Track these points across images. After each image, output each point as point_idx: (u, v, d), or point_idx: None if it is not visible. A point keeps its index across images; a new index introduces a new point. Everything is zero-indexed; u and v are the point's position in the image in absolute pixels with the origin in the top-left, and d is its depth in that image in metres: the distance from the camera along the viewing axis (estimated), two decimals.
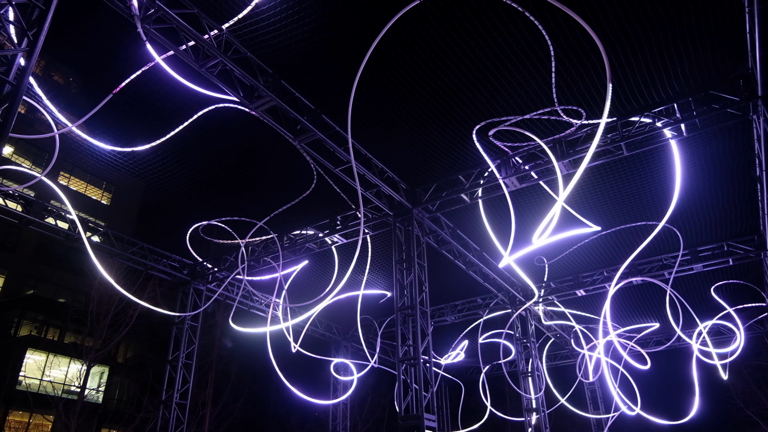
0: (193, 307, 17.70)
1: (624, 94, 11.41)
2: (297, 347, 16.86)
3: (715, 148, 13.14)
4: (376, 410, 31.22)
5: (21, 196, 14.40)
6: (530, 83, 11.11)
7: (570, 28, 9.70)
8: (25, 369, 29.42)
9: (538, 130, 12.37)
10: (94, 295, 22.18)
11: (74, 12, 9.96)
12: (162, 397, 16.73)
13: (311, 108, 11.71)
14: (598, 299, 20.42)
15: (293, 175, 14.00)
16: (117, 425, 30.57)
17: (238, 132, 12.67)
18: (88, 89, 11.31)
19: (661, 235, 16.67)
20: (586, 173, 13.14)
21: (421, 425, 11.81)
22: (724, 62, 10.79)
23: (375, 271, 18.06)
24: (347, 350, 23.81)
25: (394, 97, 11.53)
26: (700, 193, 14.70)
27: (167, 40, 9.44)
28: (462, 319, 22.25)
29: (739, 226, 16.47)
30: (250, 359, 31.38)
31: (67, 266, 33.84)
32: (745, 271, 18.42)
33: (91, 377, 28.62)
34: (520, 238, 14.58)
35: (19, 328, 31.20)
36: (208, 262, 18.00)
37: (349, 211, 15.63)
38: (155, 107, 11.84)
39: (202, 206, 15.22)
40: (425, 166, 13.82)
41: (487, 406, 22.18)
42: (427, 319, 13.46)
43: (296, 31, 10.10)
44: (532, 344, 20.03)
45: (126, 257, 16.55)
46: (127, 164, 13.85)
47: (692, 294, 19.77)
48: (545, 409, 19.33)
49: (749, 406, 25.40)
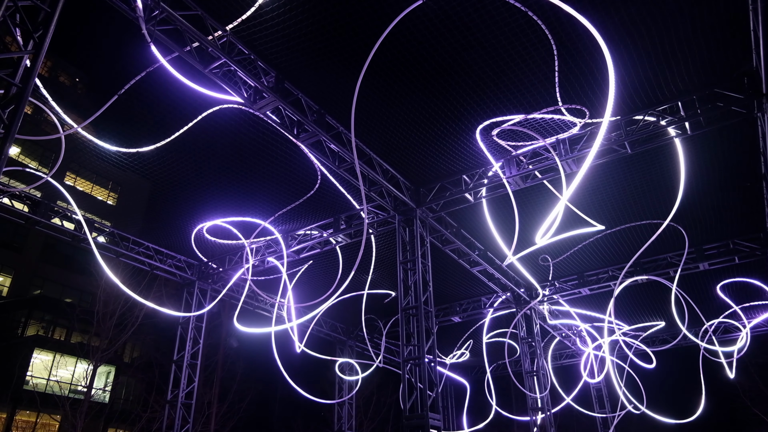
0: (198, 307, 17.78)
1: (627, 92, 11.39)
2: (302, 347, 16.91)
3: (719, 146, 13.10)
4: (381, 410, 31.27)
5: (27, 197, 14.51)
6: (534, 82, 11.10)
7: (573, 26, 9.69)
8: (32, 369, 29.62)
9: (542, 128, 12.37)
10: (101, 295, 22.32)
11: (80, 14, 10.03)
12: (168, 397, 16.81)
13: (315, 108, 11.74)
14: (604, 298, 20.37)
15: (297, 175, 14.05)
16: (123, 425, 30.72)
17: (242, 132, 12.73)
18: (94, 90, 11.38)
19: (666, 234, 16.62)
20: (590, 172, 13.10)
21: (426, 424, 11.83)
22: (729, 60, 10.75)
23: (379, 270, 18.07)
24: (352, 350, 23.86)
25: (397, 96, 11.55)
26: (705, 191, 14.65)
27: (171, 41, 9.50)
28: (467, 319, 22.25)
29: (744, 223, 16.41)
30: (256, 359, 31.47)
31: (74, 266, 34.06)
32: (752, 268, 18.33)
33: (98, 377, 28.76)
34: (524, 238, 14.58)
35: (26, 328, 31.40)
36: (213, 262, 18.07)
37: (353, 211, 15.67)
38: (160, 108, 11.90)
39: (207, 206, 15.28)
40: (429, 165, 13.84)
41: (493, 405, 22.17)
42: (431, 319, 13.47)
43: (300, 32, 10.14)
44: (537, 343, 20.01)
45: (132, 257, 16.64)
46: (132, 165, 13.93)
47: (698, 292, 19.69)
48: (551, 408, 19.31)
49: (756, 404, 25.31)
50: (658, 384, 25.30)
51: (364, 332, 18.96)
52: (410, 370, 12.74)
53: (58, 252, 34.34)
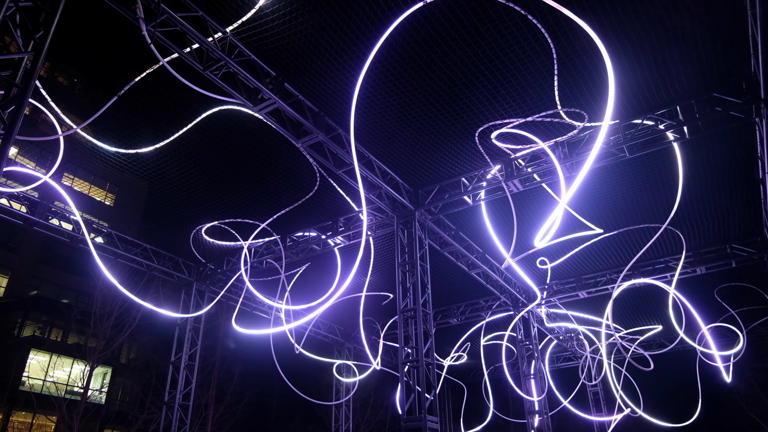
0: (195, 308, 17.74)
1: (626, 96, 11.42)
2: (300, 349, 16.89)
3: (717, 151, 13.14)
4: (378, 412, 31.19)
5: (25, 197, 14.48)
6: (533, 86, 11.13)
7: (572, 30, 9.72)
8: (28, 370, 29.51)
9: (541, 132, 12.39)
10: (98, 296, 22.23)
11: (80, 15, 10.01)
12: (165, 398, 16.77)
13: (314, 110, 11.74)
14: (601, 301, 20.39)
15: (296, 176, 14.05)
16: (120, 426, 30.61)
17: (241, 134, 12.72)
18: (93, 91, 11.37)
19: (664, 238, 16.68)
20: (589, 175, 13.12)
21: (423, 427, 11.82)
22: (727, 65, 10.79)
23: (378, 273, 18.07)
24: (350, 352, 23.83)
25: (397, 99, 11.56)
26: (703, 196, 14.70)
27: (172, 43, 9.50)
28: (465, 321, 22.26)
29: (742, 228, 16.46)
30: (254, 360, 31.40)
31: (71, 267, 33.94)
32: (748, 273, 18.38)
33: (95, 378, 28.65)
34: (522, 241, 14.60)
35: (22, 329, 31.30)
36: (211, 264, 18.05)
37: (352, 213, 15.67)
38: (159, 109, 11.90)
39: (205, 208, 15.27)
40: (428, 168, 13.85)
41: (490, 407, 22.17)
42: (429, 321, 13.47)
43: (300, 34, 10.15)
44: (534, 346, 20.02)
45: (129, 258, 16.61)
46: (130, 166, 13.92)
47: (695, 296, 19.73)
48: (548, 411, 19.31)
49: (753, 409, 25.30)
50: (655, 387, 25.28)
51: (362, 334, 18.95)
52: (408, 373, 12.74)
53: (55, 253, 34.22)
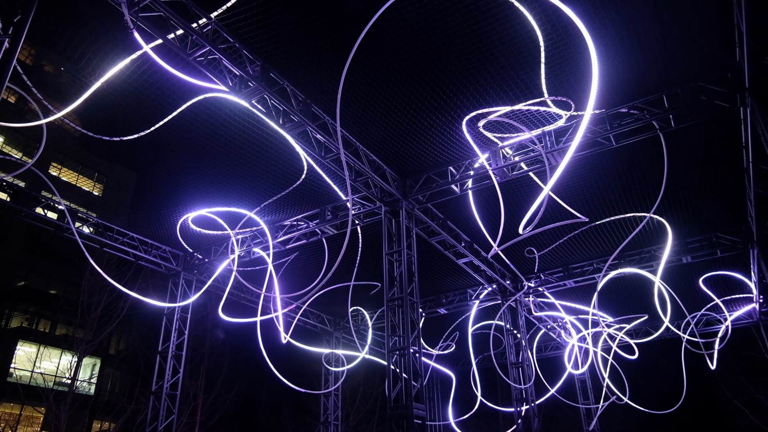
0: (183, 298, 17.69)
1: (612, 85, 11.43)
2: (287, 338, 16.90)
3: (703, 140, 13.23)
4: (367, 401, 31.39)
5: (10, 186, 14.31)
6: (520, 74, 11.12)
7: (559, 18, 9.72)
8: (15, 361, 29.40)
9: (528, 121, 12.42)
10: (85, 286, 22.15)
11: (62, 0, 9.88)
12: (152, 388, 16.75)
13: (301, 98, 11.68)
14: (588, 290, 20.55)
15: (283, 165, 13.99)
16: (108, 417, 30.61)
17: (227, 122, 12.63)
18: (78, 79, 11.23)
19: (649, 227, 16.81)
20: (576, 164, 13.20)
21: (410, 414, 11.89)
22: (713, 54, 10.84)
23: (366, 262, 18.08)
24: (338, 341, 23.89)
25: (384, 87, 11.52)
26: (688, 185, 14.81)
27: (155, 28, 9.39)
28: (453, 311, 22.36)
29: (726, 217, 16.61)
30: (243, 350, 31.44)
31: (58, 257, 33.73)
32: (733, 261, 18.58)
33: (83, 369, 28.58)
34: (509, 229, 14.64)
35: (9, 320, 31.13)
36: (199, 253, 17.98)
37: (340, 202, 15.65)
38: (145, 97, 11.77)
39: (191, 196, 15.18)
40: (415, 156, 13.84)
41: (478, 396, 22.32)
42: (416, 310, 13.52)
43: (286, 20, 10.06)
44: (522, 335, 20.16)
45: (116, 248, 16.50)
46: (118, 155, 13.80)
47: (681, 285, 19.93)
48: (535, 399, 19.48)
49: (737, 396, 25.68)
50: (641, 375, 25.59)
51: (350, 323, 18.99)
52: (395, 361, 12.79)
53: (42, 243, 33.97)
